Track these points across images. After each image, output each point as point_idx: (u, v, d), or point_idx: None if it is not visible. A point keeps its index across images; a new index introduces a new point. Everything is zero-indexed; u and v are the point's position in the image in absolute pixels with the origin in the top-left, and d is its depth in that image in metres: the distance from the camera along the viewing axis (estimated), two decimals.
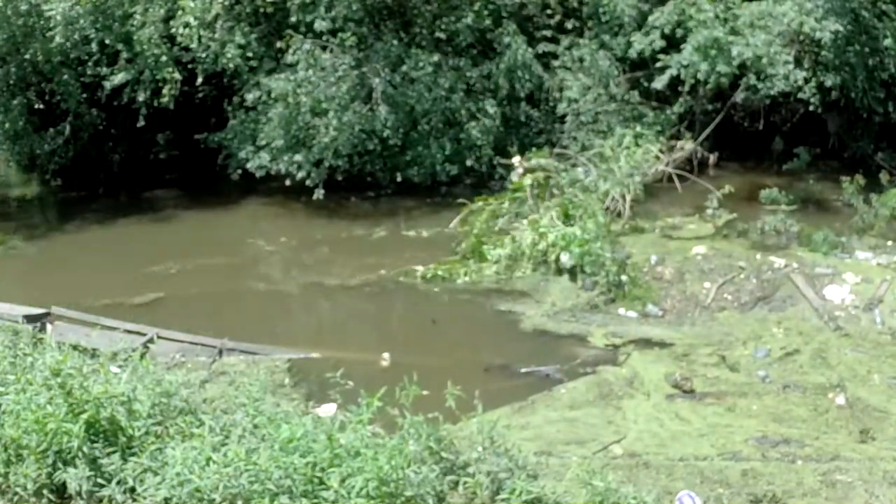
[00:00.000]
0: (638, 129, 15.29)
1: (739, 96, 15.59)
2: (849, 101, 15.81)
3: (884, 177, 14.19)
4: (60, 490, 6.14)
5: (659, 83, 15.16)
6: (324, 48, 14.96)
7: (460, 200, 13.79)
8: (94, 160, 17.19)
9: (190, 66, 15.56)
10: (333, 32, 15.04)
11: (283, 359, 9.61)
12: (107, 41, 15.33)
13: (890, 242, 12.52)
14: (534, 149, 15.13)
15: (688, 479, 7.19)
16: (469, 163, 15.52)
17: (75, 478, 5.98)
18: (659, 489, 6.85)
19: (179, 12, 15.11)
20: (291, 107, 14.69)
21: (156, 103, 15.45)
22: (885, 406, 8.53)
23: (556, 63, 16.34)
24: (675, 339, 10.10)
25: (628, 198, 13.57)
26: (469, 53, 16.18)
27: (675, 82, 15.26)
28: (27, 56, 15.63)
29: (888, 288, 10.74)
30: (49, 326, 9.96)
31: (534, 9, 16.78)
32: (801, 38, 14.70)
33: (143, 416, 6.32)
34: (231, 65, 15.24)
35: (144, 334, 9.78)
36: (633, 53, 15.41)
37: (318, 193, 14.68)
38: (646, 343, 10.01)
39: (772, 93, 14.79)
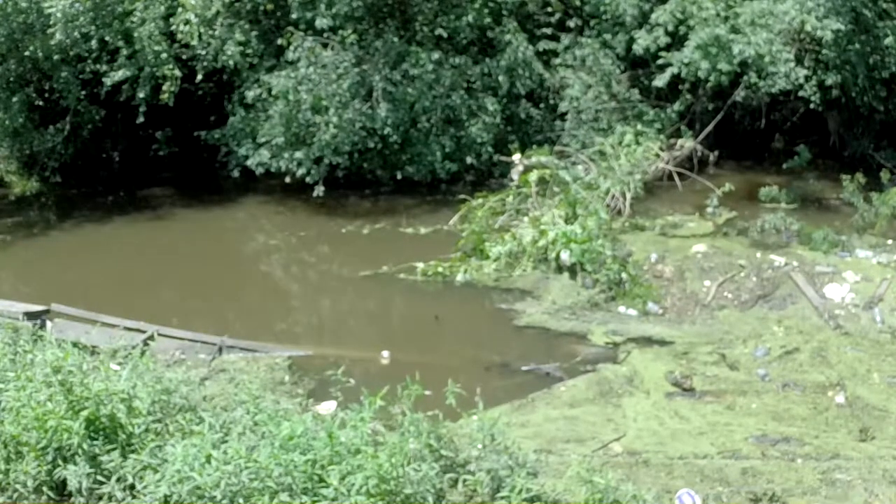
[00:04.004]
0: (638, 127, 15.33)
1: (740, 94, 15.58)
2: (849, 99, 15.81)
3: (884, 175, 14.16)
4: (60, 487, 6.15)
5: (660, 81, 15.15)
6: (324, 45, 14.95)
7: (461, 197, 13.78)
8: (94, 157, 17.21)
9: (190, 63, 15.56)
10: (334, 30, 15.04)
11: (283, 356, 9.59)
12: (107, 38, 15.33)
13: (890, 241, 12.51)
14: (534, 146, 15.13)
15: (687, 478, 7.19)
16: (469, 161, 15.52)
17: (75, 475, 5.99)
18: (658, 487, 6.86)
19: (179, 9, 15.10)
20: (292, 104, 14.68)
21: (155, 100, 15.46)
22: (884, 405, 8.53)
23: (556, 61, 16.36)
24: (675, 337, 10.09)
25: (628, 196, 13.60)
26: (469, 51, 16.17)
27: (676, 80, 15.25)
28: (27, 53, 15.63)
29: (888, 287, 10.74)
30: (49, 323, 9.95)
31: (534, 7, 16.79)
32: (802, 36, 14.69)
33: (142, 413, 6.33)
34: (231, 62, 15.24)
35: (144, 331, 9.77)
36: (638, 50, 15.35)
37: (318, 191, 14.68)
38: (646, 341, 10.00)
39: (772, 91, 14.79)
